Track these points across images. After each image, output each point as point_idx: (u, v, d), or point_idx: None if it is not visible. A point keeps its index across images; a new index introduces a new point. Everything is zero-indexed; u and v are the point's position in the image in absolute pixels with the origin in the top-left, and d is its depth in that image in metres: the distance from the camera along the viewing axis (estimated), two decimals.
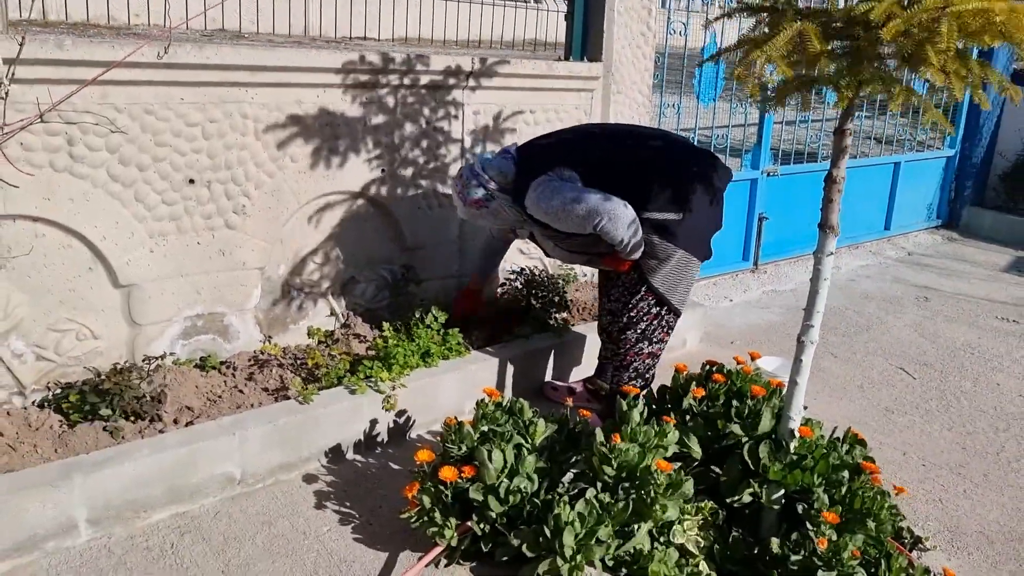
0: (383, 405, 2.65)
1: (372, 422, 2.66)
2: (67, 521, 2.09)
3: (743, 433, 2.34)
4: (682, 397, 2.55)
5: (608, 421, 2.45)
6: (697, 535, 2.17)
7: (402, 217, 3.15)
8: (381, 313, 3.18)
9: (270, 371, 2.72)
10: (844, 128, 2.07)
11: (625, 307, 2.70)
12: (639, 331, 2.71)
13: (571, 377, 3.26)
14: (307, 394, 2.54)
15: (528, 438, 2.30)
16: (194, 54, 2.48)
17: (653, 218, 2.56)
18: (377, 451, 2.68)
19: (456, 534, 2.11)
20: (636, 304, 2.68)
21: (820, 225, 2.13)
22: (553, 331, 3.22)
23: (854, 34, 1.86)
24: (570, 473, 2.23)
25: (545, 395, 3.14)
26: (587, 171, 2.57)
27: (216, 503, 2.34)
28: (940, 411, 3.28)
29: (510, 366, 3.01)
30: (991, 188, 6.69)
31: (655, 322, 2.71)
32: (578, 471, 2.24)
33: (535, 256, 3.59)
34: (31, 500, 2.02)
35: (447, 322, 2.98)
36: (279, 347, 2.85)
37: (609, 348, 2.82)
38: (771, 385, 2.53)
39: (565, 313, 3.39)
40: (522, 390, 3.07)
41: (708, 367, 2.66)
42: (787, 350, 3.20)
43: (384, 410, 2.66)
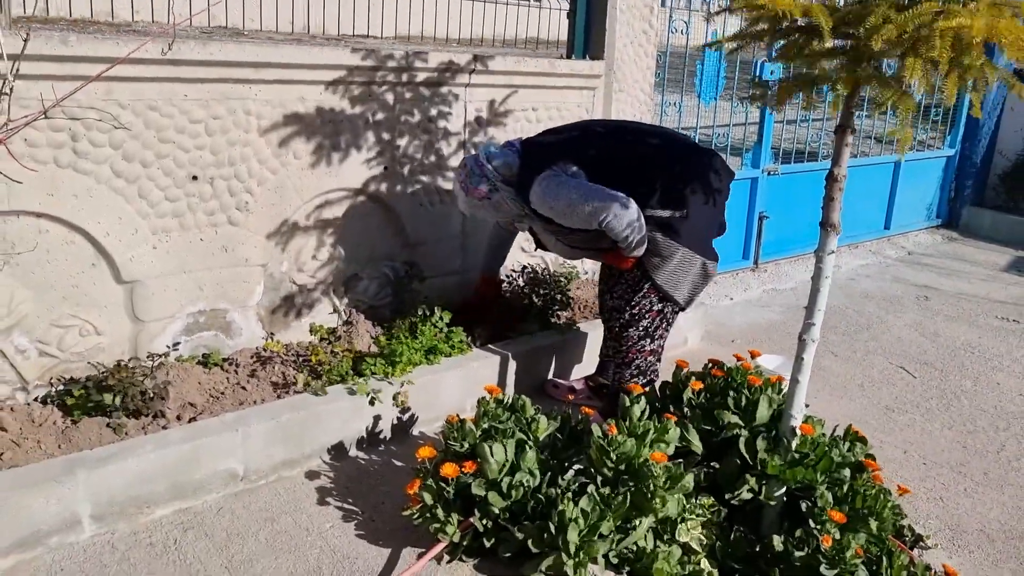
0: (389, 402, 2.65)
1: (375, 419, 2.66)
2: (71, 517, 2.09)
3: (741, 423, 2.35)
4: (682, 392, 2.56)
5: (610, 419, 2.45)
6: (700, 533, 2.18)
7: (404, 214, 3.16)
8: (383, 310, 3.18)
9: (273, 368, 2.72)
10: (845, 126, 2.07)
11: (628, 304, 2.70)
12: (641, 328, 2.71)
13: (573, 375, 3.27)
14: (319, 386, 2.55)
15: (530, 435, 2.30)
16: (198, 51, 2.48)
17: (656, 215, 2.56)
18: (380, 448, 2.69)
19: (458, 530, 2.12)
20: (639, 301, 2.68)
21: (821, 223, 2.13)
22: (555, 329, 3.23)
23: (854, 33, 1.86)
24: (571, 470, 2.24)
25: (547, 393, 3.14)
26: (591, 167, 2.57)
27: (219, 499, 2.35)
28: (941, 410, 3.28)
29: (512, 364, 3.02)
30: (991, 188, 6.70)
31: (657, 319, 2.71)
32: (579, 468, 2.25)
33: (537, 253, 3.60)
34: (35, 496, 2.03)
35: (452, 319, 2.99)
36: (281, 344, 2.86)
37: (611, 345, 2.82)
38: (770, 381, 2.54)
39: (567, 311, 3.40)
40: (524, 388, 3.07)
41: (709, 364, 2.67)
42: (787, 348, 3.21)
43: (388, 407, 2.67)
